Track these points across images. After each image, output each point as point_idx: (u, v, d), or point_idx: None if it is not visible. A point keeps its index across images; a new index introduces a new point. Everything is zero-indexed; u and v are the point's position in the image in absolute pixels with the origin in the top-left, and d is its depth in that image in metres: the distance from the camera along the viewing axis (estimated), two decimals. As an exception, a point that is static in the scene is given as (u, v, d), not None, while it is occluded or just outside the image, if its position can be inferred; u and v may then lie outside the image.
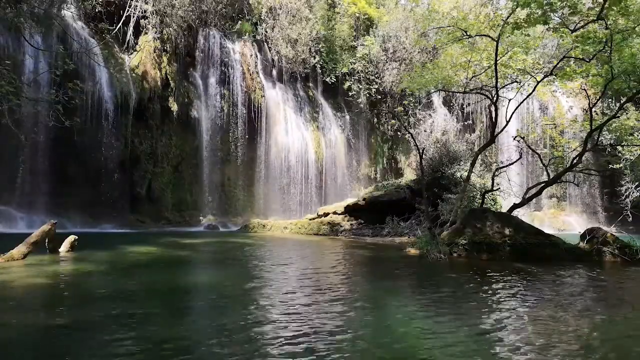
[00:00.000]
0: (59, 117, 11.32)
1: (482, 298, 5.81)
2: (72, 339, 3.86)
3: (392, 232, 16.48)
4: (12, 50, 16.22)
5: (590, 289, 6.89)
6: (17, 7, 14.31)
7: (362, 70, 27.04)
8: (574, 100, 24.35)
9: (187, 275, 7.65)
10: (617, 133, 14.51)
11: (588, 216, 26.01)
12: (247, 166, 23.57)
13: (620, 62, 10.56)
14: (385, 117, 28.33)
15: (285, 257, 10.45)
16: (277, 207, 23.71)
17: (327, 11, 27.53)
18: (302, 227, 18.20)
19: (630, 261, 9.41)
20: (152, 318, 4.56)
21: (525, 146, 14.29)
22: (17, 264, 7.59)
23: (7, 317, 4.50)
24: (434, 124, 24.72)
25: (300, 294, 5.80)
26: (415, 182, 18.36)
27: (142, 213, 20.03)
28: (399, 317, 4.74)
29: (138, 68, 20.20)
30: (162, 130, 21.15)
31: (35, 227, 9.93)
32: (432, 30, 16.48)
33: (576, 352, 3.69)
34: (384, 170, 28.70)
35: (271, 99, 24.53)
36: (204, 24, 23.27)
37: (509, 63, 13.93)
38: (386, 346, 3.76)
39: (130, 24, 20.44)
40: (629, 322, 4.80)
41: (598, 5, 10.44)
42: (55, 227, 8.91)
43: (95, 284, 6.34)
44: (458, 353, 3.61)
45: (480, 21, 13.32)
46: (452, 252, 9.99)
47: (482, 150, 15.82)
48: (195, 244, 12.84)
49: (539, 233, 10.64)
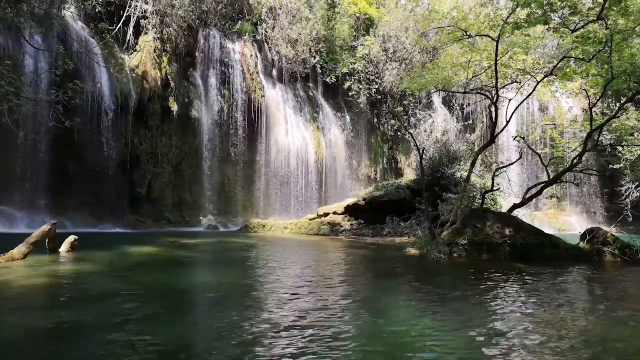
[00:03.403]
0: (59, 117, 11.32)
1: (482, 298, 5.81)
2: (72, 339, 3.86)
3: (392, 232, 16.48)
4: (12, 50, 16.23)
5: (590, 289, 6.88)
6: (17, 7, 14.32)
7: (362, 70, 27.05)
8: (574, 100, 24.36)
9: (187, 276, 7.65)
10: (617, 133, 14.51)
11: (588, 216, 26.02)
12: (247, 166, 23.58)
13: (620, 62, 10.56)
14: (385, 117, 28.35)
15: (285, 257, 10.45)
16: (277, 207, 23.73)
17: (327, 11, 27.54)
18: (302, 227, 18.20)
19: (630, 261, 9.40)
20: (152, 318, 4.55)
21: (525, 146, 14.30)
22: (17, 264, 7.59)
23: (6, 317, 4.50)
24: (434, 124, 24.75)
25: (300, 294, 5.80)
26: (415, 182, 18.36)
27: (142, 213, 20.04)
28: (399, 316, 4.74)
29: (138, 68, 20.21)
30: (162, 130, 21.16)
31: (35, 227, 9.92)
32: (432, 30, 16.50)
33: (576, 352, 3.69)
34: (384, 170, 28.71)
35: (271, 99, 24.54)
36: (204, 24, 23.28)
37: (509, 63, 13.94)
38: (386, 346, 3.76)
39: (130, 24, 20.45)
40: (629, 322, 4.80)
41: (598, 5, 10.45)
42: (55, 227, 8.90)
43: (95, 284, 6.34)
44: (458, 353, 3.61)
45: (480, 21, 13.32)
46: (452, 252, 9.98)
47: (482, 150, 15.82)
48: (195, 244, 12.84)
49: (539, 233, 10.64)
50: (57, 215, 14.72)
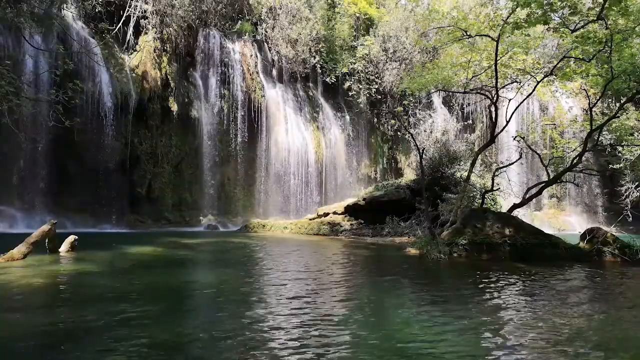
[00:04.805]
0: (59, 117, 11.32)
1: (482, 298, 5.81)
2: (72, 339, 3.86)
3: (392, 232, 16.48)
4: (12, 50, 16.23)
5: (590, 289, 6.88)
6: (17, 7, 14.31)
7: (362, 70, 27.03)
8: (574, 100, 24.36)
9: (187, 276, 7.65)
10: (617, 133, 14.51)
11: (588, 216, 26.01)
12: (247, 166, 23.57)
13: (620, 62, 10.56)
14: (385, 117, 28.34)
15: (285, 257, 10.45)
16: (277, 207, 23.71)
17: (327, 11, 27.53)
18: (302, 227, 18.20)
19: (630, 261, 9.41)
20: (152, 318, 4.55)
21: (525, 146, 14.29)
22: (17, 264, 7.59)
23: (6, 317, 4.50)
24: (434, 124, 24.74)
25: (300, 294, 5.80)
26: (415, 182, 18.37)
27: (142, 213, 20.04)
28: (399, 316, 4.74)
29: (138, 68, 20.21)
30: (162, 130, 21.15)
31: (35, 227, 9.92)
32: (432, 30, 16.50)
33: (576, 352, 3.69)
34: (384, 170, 28.70)
35: (271, 99, 24.53)
36: (204, 24, 23.28)
37: (509, 63, 13.94)
38: (386, 346, 3.76)
39: (130, 24, 20.45)
40: (629, 322, 4.80)
41: (598, 5, 10.45)
42: (55, 227, 8.90)
43: (95, 284, 6.34)
44: (458, 353, 3.61)
45: (480, 21, 13.32)
46: (452, 252, 9.98)
47: (482, 150, 15.82)
48: (195, 244, 12.84)
49: (539, 233, 10.64)
50: (57, 215, 14.72)
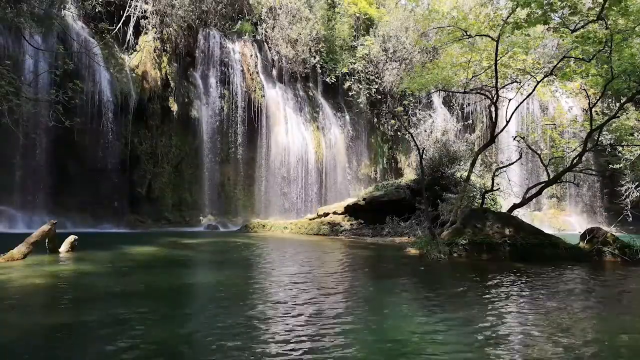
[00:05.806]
0: (59, 117, 11.33)
1: (482, 298, 5.81)
2: (72, 339, 3.86)
3: (392, 232, 16.48)
4: (12, 50, 16.23)
5: (590, 289, 6.88)
6: (17, 7, 14.31)
7: (362, 70, 27.04)
8: (574, 100, 24.36)
9: (187, 276, 7.65)
10: (617, 133, 14.51)
11: (588, 216, 26.02)
12: (247, 166, 23.58)
13: (620, 62, 10.56)
14: (385, 117, 28.34)
15: (285, 257, 10.45)
16: (277, 207, 23.71)
17: (327, 11, 27.53)
18: (302, 227, 18.20)
19: (630, 261, 9.40)
20: (152, 318, 4.55)
21: (525, 146, 14.29)
22: (17, 264, 7.59)
23: (6, 317, 4.50)
24: (434, 124, 24.71)
25: (300, 294, 5.80)
26: (415, 182, 18.36)
27: (142, 213, 20.04)
28: (399, 317, 4.74)
29: (138, 68, 20.21)
30: (162, 130, 21.16)
31: (35, 227, 9.93)
32: (432, 30, 16.50)
33: (575, 351, 3.69)
34: (384, 170, 28.71)
35: (271, 99, 24.53)
36: (204, 24, 23.28)
37: (509, 63, 13.93)
38: (386, 346, 3.76)
39: (130, 24, 20.45)
40: (629, 322, 4.80)
41: (598, 5, 10.45)
42: (55, 227, 8.90)
43: (95, 284, 6.34)
44: (458, 353, 3.61)
45: (480, 21, 13.31)
46: (452, 252, 9.98)
47: (482, 150, 15.83)
48: (195, 244, 12.84)
49: (539, 233, 10.64)
50: (57, 215, 14.71)
